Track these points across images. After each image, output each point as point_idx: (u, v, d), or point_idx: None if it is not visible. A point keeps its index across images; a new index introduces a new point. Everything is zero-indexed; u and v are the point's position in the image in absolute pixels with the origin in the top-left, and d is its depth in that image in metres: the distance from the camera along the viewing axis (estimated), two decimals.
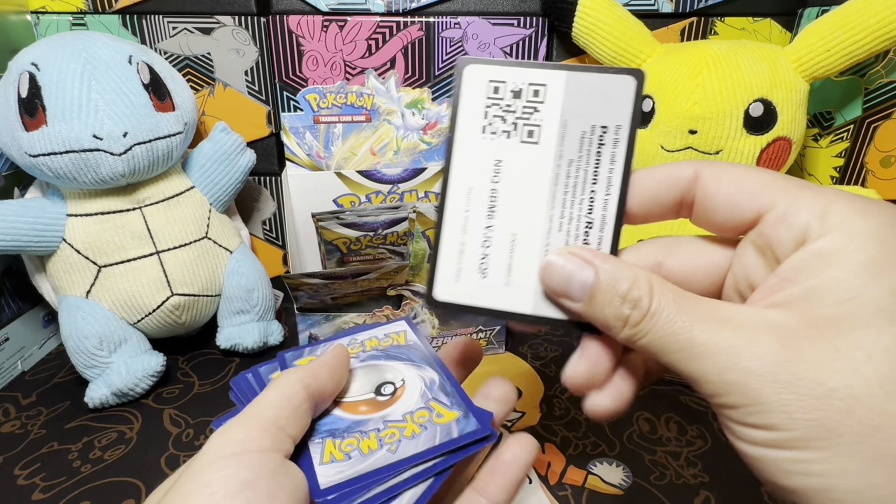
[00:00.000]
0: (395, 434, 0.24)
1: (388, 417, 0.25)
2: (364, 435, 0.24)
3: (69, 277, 0.49)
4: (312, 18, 0.58)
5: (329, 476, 0.22)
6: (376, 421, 0.25)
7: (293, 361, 0.28)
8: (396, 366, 0.29)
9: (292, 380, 0.23)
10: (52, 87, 0.44)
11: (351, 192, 0.60)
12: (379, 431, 0.24)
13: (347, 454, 0.23)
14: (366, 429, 0.24)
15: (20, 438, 0.45)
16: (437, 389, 0.27)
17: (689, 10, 0.58)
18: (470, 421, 0.25)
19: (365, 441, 0.24)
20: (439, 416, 0.25)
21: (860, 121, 0.49)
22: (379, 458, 0.23)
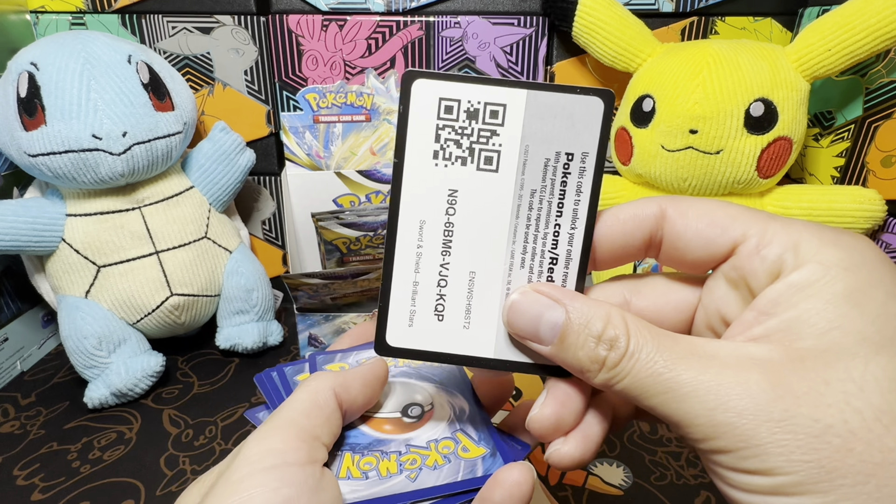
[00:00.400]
0: (416, 461, 0.23)
1: (412, 442, 0.24)
2: (385, 456, 0.23)
3: (68, 277, 0.49)
4: (312, 18, 0.57)
5: (344, 493, 0.21)
6: (399, 443, 0.24)
7: (324, 365, 0.28)
8: (427, 388, 0.27)
9: (323, 386, 0.22)
10: (51, 87, 0.44)
11: (351, 191, 0.60)
12: (400, 455, 0.23)
13: (365, 473, 0.22)
14: (387, 449, 0.24)
15: (20, 438, 0.45)
16: (466, 420, 0.26)
17: (690, 10, 0.58)
18: (496, 461, 0.24)
19: (385, 463, 0.23)
20: (465, 451, 0.24)
21: (861, 120, 0.49)
22: (397, 483, 0.22)
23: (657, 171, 0.50)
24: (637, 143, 0.51)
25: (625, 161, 0.53)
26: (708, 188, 0.49)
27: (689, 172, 0.48)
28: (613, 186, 0.56)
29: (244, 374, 0.53)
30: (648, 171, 0.51)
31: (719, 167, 0.47)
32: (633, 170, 0.52)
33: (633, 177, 0.54)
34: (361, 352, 0.29)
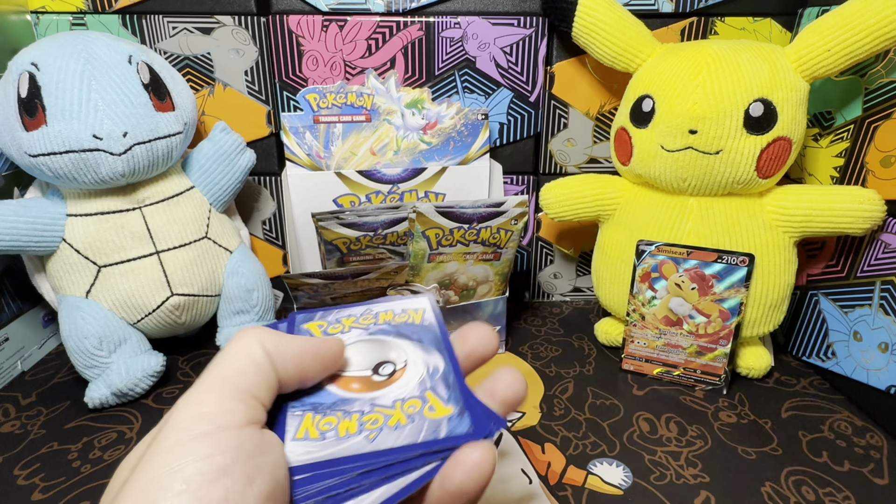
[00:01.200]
0: (378, 420, 0.22)
1: (378, 401, 0.23)
2: (347, 415, 0.23)
3: (69, 277, 0.49)
4: (312, 18, 0.58)
5: (297, 454, 0.21)
6: (363, 402, 0.23)
7: (302, 324, 0.27)
8: (403, 345, 0.27)
9: (254, 341, 0.21)
10: (51, 87, 0.44)
11: (351, 192, 0.60)
12: (363, 414, 0.23)
13: (323, 434, 0.22)
14: (350, 409, 0.23)
15: (20, 438, 0.45)
16: (438, 379, 0.25)
17: (690, 10, 0.58)
18: (463, 421, 0.23)
19: (345, 422, 0.22)
20: (431, 410, 0.23)
21: (860, 121, 0.49)
22: (353, 444, 0.21)
23: (657, 172, 0.50)
24: (637, 144, 0.51)
25: (624, 161, 0.53)
26: (707, 188, 0.49)
27: (689, 172, 0.48)
28: (613, 187, 0.56)
29: None
30: (648, 171, 0.51)
31: (719, 167, 0.47)
32: (633, 170, 0.53)
33: (633, 177, 0.54)
34: (343, 310, 0.28)
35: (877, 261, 0.48)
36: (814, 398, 0.51)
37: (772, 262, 0.50)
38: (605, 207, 0.57)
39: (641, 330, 0.53)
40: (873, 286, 0.48)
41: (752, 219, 0.50)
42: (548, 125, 0.63)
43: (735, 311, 0.49)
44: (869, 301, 0.48)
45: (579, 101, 0.62)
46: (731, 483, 0.41)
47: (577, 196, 0.57)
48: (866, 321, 0.49)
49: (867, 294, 0.49)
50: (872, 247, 0.49)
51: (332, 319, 0.28)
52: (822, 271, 0.54)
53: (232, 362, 0.20)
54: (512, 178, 0.65)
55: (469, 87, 0.61)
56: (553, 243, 0.68)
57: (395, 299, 0.29)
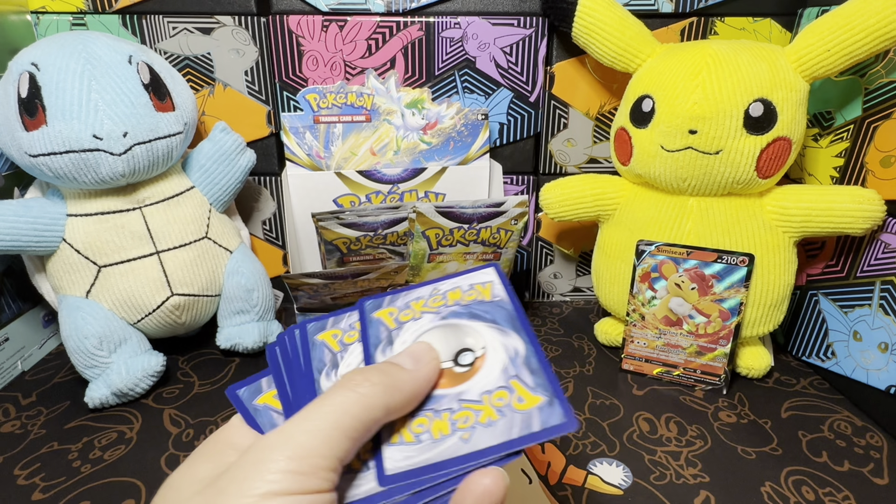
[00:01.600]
0: (469, 418, 0.22)
1: (464, 396, 0.23)
2: (437, 415, 0.22)
3: (69, 277, 0.49)
4: (312, 18, 0.58)
5: (397, 461, 0.21)
6: (451, 398, 0.23)
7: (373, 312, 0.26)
8: (479, 328, 0.25)
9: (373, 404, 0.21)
10: (51, 87, 0.44)
11: (351, 192, 0.60)
12: (452, 413, 0.22)
13: (418, 437, 0.21)
14: (439, 407, 0.22)
15: (20, 438, 0.45)
16: (520, 364, 0.24)
17: (689, 10, 0.58)
18: (554, 411, 0.22)
19: (437, 423, 0.22)
20: (520, 401, 0.22)
21: (860, 121, 0.49)
22: (450, 446, 0.21)
23: (657, 172, 0.50)
24: (636, 144, 0.51)
25: (624, 161, 0.53)
26: (707, 188, 0.49)
27: (689, 173, 0.48)
28: (613, 187, 0.56)
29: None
30: (648, 171, 0.51)
31: (719, 167, 0.47)
32: (633, 170, 0.53)
33: (633, 177, 0.54)
34: (410, 292, 0.27)
35: (877, 261, 0.48)
36: (814, 398, 0.51)
37: (772, 262, 0.50)
38: (605, 207, 0.57)
39: (641, 330, 0.53)
40: (873, 286, 0.48)
41: (752, 219, 0.50)
42: (548, 125, 0.63)
43: (735, 311, 0.49)
44: (869, 301, 0.48)
45: (579, 101, 0.62)
46: (731, 483, 0.41)
47: (577, 196, 0.57)
48: (866, 321, 0.49)
49: (867, 294, 0.49)
50: (872, 247, 0.49)
51: (402, 305, 0.27)
52: (821, 271, 0.54)
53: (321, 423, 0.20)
54: (512, 178, 0.65)
55: (469, 87, 0.61)
56: (553, 243, 0.68)
57: (461, 274, 0.28)
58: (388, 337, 0.26)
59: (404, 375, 0.22)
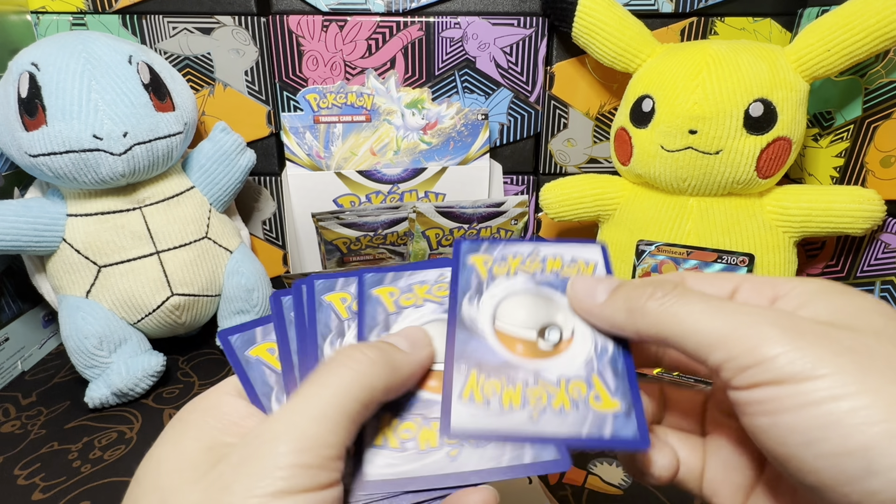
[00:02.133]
0: (542, 398, 0.21)
1: (543, 374, 0.22)
2: (511, 383, 0.21)
3: (69, 277, 0.49)
4: (312, 18, 0.58)
5: (463, 418, 0.20)
6: (528, 371, 0.22)
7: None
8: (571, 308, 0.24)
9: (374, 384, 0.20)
10: (52, 87, 0.44)
11: (351, 192, 0.60)
12: (526, 386, 0.21)
13: (487, 399, 0.21)
14: (515, 375, 0.22)
15: (20, 438, 0.45)
16: (606, 362, 0.23)
17: (689, 10, 0.58)
18: (629, 422, 0.21)
19: (508, 391, 0.21)
20: (597, 399, 0.21)
21: (860, 121, 0.49)
22: (517, 420, 0.20)
23: (657, 172, 0.50)
24: (636, 144, 0.51)
25: (624, 161, 0.53)
26: (707, 188, 0.49)
27: (689, 173, 0.48)
28: (613, 187, 0.56)
29: None
30: (648, 171, 0.51)
31: (719, 167, 0.47)
32: (633, 170, 0.53)
33: (633, 177, 0.54)
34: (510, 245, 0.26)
35: (877, 261, 0.48)
36: None
37: (772, 262, 0.50)
38: (605, 207, 0.57)
39: None
40: (873, 286, 0.48)
41: (752, 219, 0.50)
42: (548, 125, 0.63)
43: None
44: None
45: (579, 101, 0.62)
46: None
47: (577, 196, 0.57)
48: None
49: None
50: (872, 247, 0.49)
51: (499, 256, 0.26)
52: (821, 271, 0.54)
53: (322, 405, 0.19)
54: (512, 178, 0.65)
55: (469, 87, 0.61)
56: None
57: (566, 243, 0.27)
58: (478, 286, 0.25)
59: (401, 356, 0.22)
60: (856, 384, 0.16)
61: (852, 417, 0.16)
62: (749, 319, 0.18)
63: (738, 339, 0.18)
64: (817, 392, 0.16)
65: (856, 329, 0.18)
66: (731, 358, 0.18)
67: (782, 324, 0.18)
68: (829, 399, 0.16)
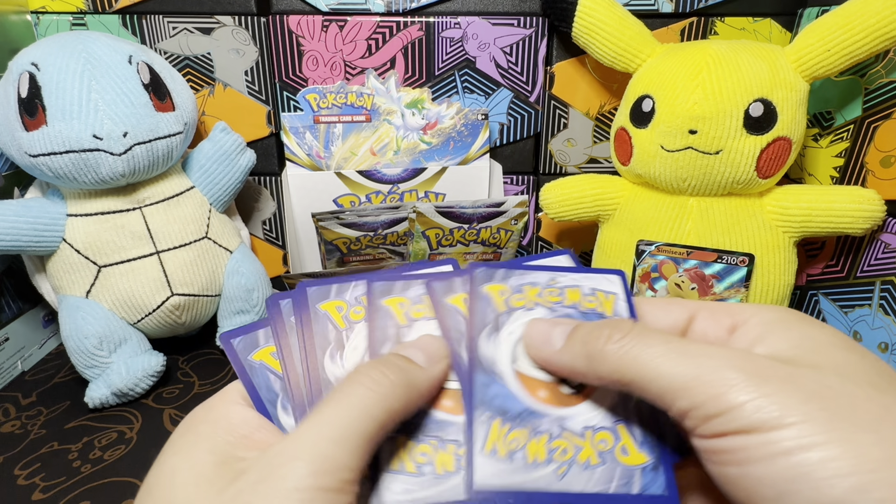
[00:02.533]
0: (568, 451, 0.20)
1: (567, 423, 0.21)
2: (535, 434, 0.20)
3: (69, 277, 0.49)
4: (312, 18, 0.58)
5: (487, 474, 0.19)
6: (552, 420, 0.20)
7: (483, 285, 0.24)
8: None
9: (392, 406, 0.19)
10: (52, 87, 0.44)
11: (351, 192, 0.60)
12: (551, 438, 0.20)
13: (511, 453, 0.19)
14: (539, 426, 0.20)
15: (20, 438, 0.45)
16: (632, 410, 0.21)
17: (689, 10, 0.58)
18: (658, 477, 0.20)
19: (533, 444, 0.20)
20: (624, 453, 0.20)
21: (860, 121, 0.49)
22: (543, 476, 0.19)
23: (657, 172, 0.50)
24: (636, 144, 0.51)
25: (624, 161, 0.53)
26: (707, 188, 0.49)
27: (689, 173, 0.48)
28: (613, 187, 0.56)
29: None
30: (648, 171, 0.51)
31: (719, 167, 0.47)
32: (633, 170, 0.53)
33: (633, 177, 0.54)
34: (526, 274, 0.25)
35: (877, 261, 0.48)
36: None
37: (772, 262, 0.50)
38: (605, 207, 0.57)
39: None
40: (873, 286, 0.48)
41: (752, 219, 0.50)
42: (548, 125, 0.63)
43: None
44: (869, 301, 0.48)
45: (579, 101, 0.62)
46: None
47: (577, 196, 0.57)
48: (866, 321, 0.49)
49: (867, 294, 0.49)
50: (872, 247, 0.49)
51: (515, 285, 0.24)
52: (821, 271, 0.54)
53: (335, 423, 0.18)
54: (512, 178, 0.65)
55: (469, 87, 0.61)
56: (553, 243, 0.68)
57: (584, 272, 0.25)
58: (495, 321, 0.23)
59: (419, 373, 0.21)
60: (825, 433, 0.16)
61: (823, 470, 0.15)
62: (712, 364, 0.18)
63: (701, 385, 0.17)
64: (786, 441, 0.16)
65: (818, 367, 0.18)
66: (696, 406, 0.17)
67: (746, 368, 0.17)
68: (798, 449, 0.16)
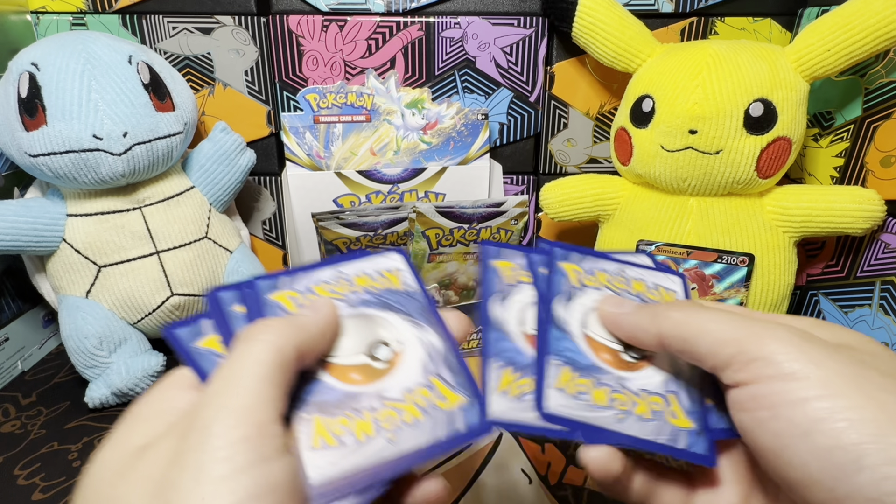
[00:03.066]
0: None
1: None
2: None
3: (69, 277, 0.49)
4: (312, 18, 0.58)
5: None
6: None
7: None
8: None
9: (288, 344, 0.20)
10: (51, 87, 0.44)
11: (351, 192, 0.60)
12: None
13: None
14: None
15: (20, 438, 0.45)
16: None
17: (689, 10, 0.58)
18: (701, 442, 0.22)
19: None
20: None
21: (860, 121, 0.49)
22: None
23: (657, 172, 0.50)
24: (637, 144, 0.51)
25: (624, 161, 0.53)
26: (707, 188, 0.49)
27: (689, 173, 0.48)
28: (613, 187, 0.56)
29: None
30: (648, 171, 0.51)
31: (719, 167, 0.47)
32: (633, 170, 0.53)
33: (633, 177, 0.54)
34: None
35: (877, 261, 0.48)
36: None
37: (772, 262, 0.50)
38: (605, 207, 0.57)
39: None
40: (873, 286, 0.48)
41: (752, 219, 0.50)
42: (548, 125, 0.63)
43: None
44: (869, 301, 0.48)
45: (579, 101, 0.62)
46: None
47: (577, 196, 0.57)
48: (866, 321, 0.49)
49: (867, 294, 0.49)
50: (872, 247, 0.49)
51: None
52: (822, 271, 0.54)
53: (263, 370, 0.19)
54: (512, 178, 0.65)
55: (469, 87, 0.61)
56: None
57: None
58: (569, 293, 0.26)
59: (304, 318, 0.22)
60: (851, 387, 0.18)
61: (848, 414, 0.18)
62: (762, 324, 0.21)
63: (748, 336, 0.21)
64: (816, 390, 0.19)
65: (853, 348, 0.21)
66: (740, 352, 0.20)
67: (789, 329, 0.21)
68: (828, 396, 0.18)
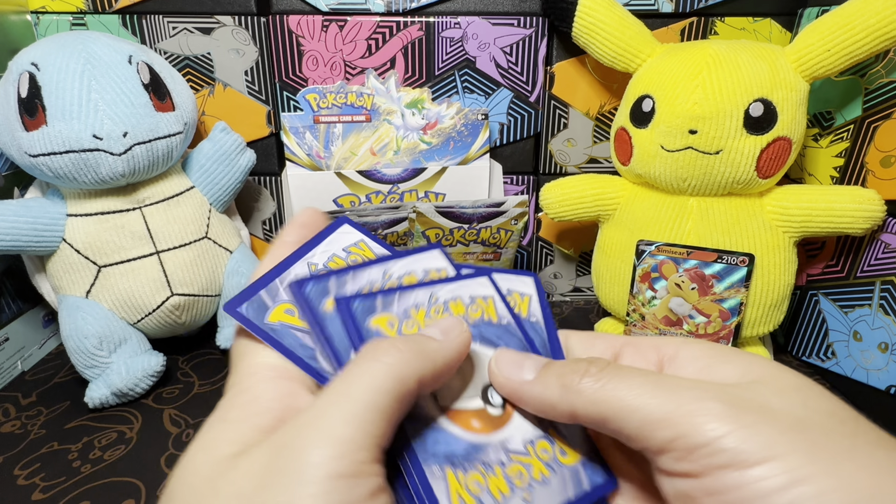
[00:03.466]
0: (523, 474, 0.19)
1: (508, 444, 0.20)
2: (488, 469, 0.19)
3: (69, 277, 0.49)
4: (312, 18, 0.58)
5: None
6: (496, 448, 0.19)
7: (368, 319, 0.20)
8: None
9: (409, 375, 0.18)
10: (51, 87, 0.44)
11: (351, 192, 0.60)
12: (504, 466, 0.19)
13: (479, 499, 0.18)
14: (487, 459, 0.19)
15: (20, 438, 0.45)
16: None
17: (689, 10, 0.58)
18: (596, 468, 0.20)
19: (492, 479, 0.19)
20: (563, 454, 0.20)
21: (860, 121, 0.49)
22: None
23: (657, 172, 0.50)
24: (637, 144, 0.51)
25: (624, 161, 0.53)
26: (707, 188, 0.49)
27: (689, 173, 0.48)
28: (613, 187, 0.56)
29: None
30: (648, 171, 0.51)
31: (719, 167, 0.47)
32: (633, 170, 0.53)
33: (633, 177, 0.54)
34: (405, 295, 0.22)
35: (877, 261, 0.48)
36: None
37: (772, 262, 0.50)
38: (605, 207, 0.57)
39: (641, 330, 0.53)
40: (873, 286, 0.48)
41: (752, 219, 0.50)
42: (548, 125, 0.63)
43: (735, 311, 0.49)
44: (869, 301, 0.48)
45: (579, 101, 0.62)
46: None
47: (577, 196, 0.57)
48: (866, 321, 0.49)
49: (867, 294, 0.49)
50: (872, 247, 0.49)
51: (401, 313, 0.21)
52: (822, 271, 0.54)
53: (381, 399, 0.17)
54: (512, 178, 0.65)
55: (469, 87, 0.61)
56: (553, 243, 0.68)
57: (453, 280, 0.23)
58: None
59: (433, 344, 0.20)
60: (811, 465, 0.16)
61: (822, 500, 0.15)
62: (691, 395, 0.18)
63: (680, 415, 0.17)
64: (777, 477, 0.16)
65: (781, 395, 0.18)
66: (678, 436, 0.17)
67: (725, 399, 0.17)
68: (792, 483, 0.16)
